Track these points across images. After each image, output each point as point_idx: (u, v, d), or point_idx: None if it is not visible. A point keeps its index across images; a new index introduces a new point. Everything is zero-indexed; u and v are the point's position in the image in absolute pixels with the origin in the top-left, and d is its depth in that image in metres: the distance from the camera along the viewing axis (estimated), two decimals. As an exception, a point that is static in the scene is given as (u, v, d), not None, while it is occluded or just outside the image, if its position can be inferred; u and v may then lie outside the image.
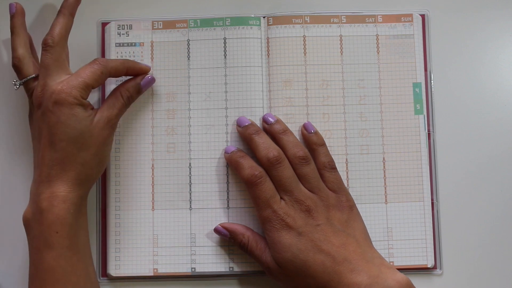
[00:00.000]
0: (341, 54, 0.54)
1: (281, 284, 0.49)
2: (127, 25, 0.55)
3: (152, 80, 0.52)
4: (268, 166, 0.49)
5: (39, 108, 0.46)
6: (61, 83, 0.46)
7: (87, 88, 0.47)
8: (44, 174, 0.46)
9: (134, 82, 0.51)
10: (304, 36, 0.54)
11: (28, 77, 0.49)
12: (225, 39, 0.54)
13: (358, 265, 0.46)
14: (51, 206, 0.44)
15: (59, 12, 0.49)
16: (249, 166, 0.49)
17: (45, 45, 0.48)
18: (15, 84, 0.50)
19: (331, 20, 0.55)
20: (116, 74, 0.49)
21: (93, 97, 0.54)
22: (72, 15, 0.50)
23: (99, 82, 0.48)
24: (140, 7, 0.56)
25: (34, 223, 0.45)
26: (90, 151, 0.46)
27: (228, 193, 0.53)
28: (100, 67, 0.47)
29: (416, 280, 0.48)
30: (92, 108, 0.48)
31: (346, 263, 0.46)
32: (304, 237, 0.47)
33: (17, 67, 0.50)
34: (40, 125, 0.46)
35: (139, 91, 0.51)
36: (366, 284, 0.44)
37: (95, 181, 0.49)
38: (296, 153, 0.49)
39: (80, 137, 0.46)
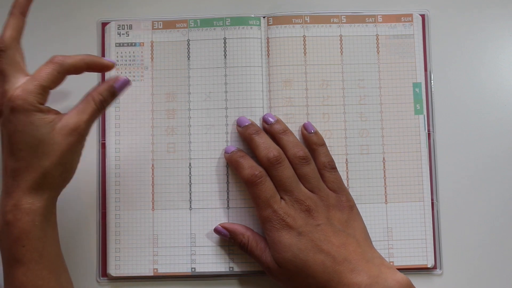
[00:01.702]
0: (341, 54, 0.54)
1: (281, 284, 0.49)
2: (127, 25, 0.55)
3: (127, 81, 0.47)
4: (268, 166, 0.49)
5: (0, 116, 0.44)
6: (18, 88, 0.43)
7: (44, 91, 0.43)
8: (7, 184, 0.43)
9: (108, 85, 0.46)
10: (304, 36, 0.54)
11: None
12: (225, 39, 0.54)
13: (358, 265, 0.46)
14: (15, 219, 0.42)
15: (10, 12, 0.46)
16: (249, 166, 0.49)
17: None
18: None
19: (331, 20, 0.55)
20: (75, 72, 0.45)
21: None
22: (23, 14, 0.46)
23: (56, 83, 0.44)
24: (140, 7, 0.56)
25: (3, 236, 0.43)
26: (52, 160, 0.43)
27: (228, 193, 0.53)
28: (56, 66, 0.44)
29: (416, 280, 0.48)
30: (57, 113, 0.44)
31: (346, 263, 0.46)
32: (304, 237, 0.47)
33: None
34: (1, 133, 0.44)
35: (113, 94, 0.46)
36: (366, 284, 0.44)
37: (61, 189, 0.46)
38: (296, 153, 0.49)
39: (40, 145, 0.43)
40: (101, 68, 0.47)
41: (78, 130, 0.44)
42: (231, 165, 0.51)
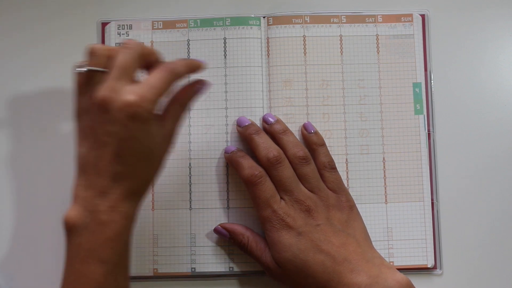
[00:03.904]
0: (341, 54, 0.54)
1: (281, 284, 0.49)
2: (127, 25, 0.55)
3: (209, 85, 0.48)
4: (268, 166, 0.49)
5: (104, 113, 0.41)
6: (134, 93, 0.40)
7: (159, 99, 0.42)
8: (102, 184, 0.41)
9: (194, 89, 0.46)
10: (304, 36, 0.54)
11: (99, 69, 0.43)
12: (225, 39, 0.54)
13: (358, 265, 0.46)
14: (111, 221, 0.41)
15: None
16: (249, 166, 0.49)
17: (127, 44, 0.43)
18: (80, 67, 0.43)
19: (331, 20, 0.55)
20: (181, 78, 0.45)
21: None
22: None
23: (168, 91, 0.43)
24: (140, 7, 0.56)
25: (86, 232, 0.41)
26: (155, 167, 0.44)
27: (228, 193, 0.53)
28: (171, 74, 0.43)
29: (416, 280, 0.48)
30: (159, 121, 0.44)
31: (346, 263, 0.46)
32: (304, 237, 0.47)
33: (93, 51, 0.43)
34: (102, 131, 0.41)
35: (195, 97, 0.47)
36: (366, 284, 0.44)
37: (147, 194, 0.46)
38: (296, 153, 0.49)
39: (150, 154, 0.42)
40: (198, 69, 0.46)
41: (173, 136, 0.45)
42: (231, 165, 0.51)
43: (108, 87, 0.41)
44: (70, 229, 0.42)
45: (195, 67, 0.46)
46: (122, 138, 0.41)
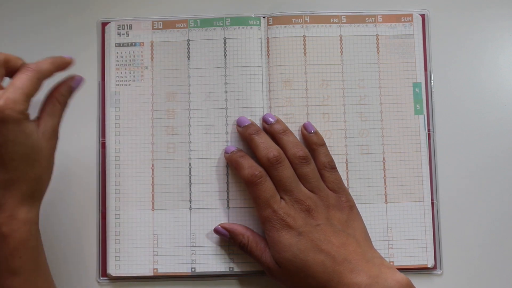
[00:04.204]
0: (341, 54, 0.54)
1: (281, 284, 0.49)
2: (127, 25, 0.55)
3: (81, 79, 0.48)
4: (268, 166, 0.49)
5: None
6: (0, 98, 0.41)
7: (29, 99, 0.42)
8: None
9: (66, 85, 0.46)
10: (304, 36, 0.54)
11: None
12: (225, 39, 0.54)
13: (358, 265, 0.46)
14: (11, 230, 0.41)
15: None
16: (249, 166, 0.49)
17: None
18: None
19: (331, 20, 0.55)
20: (49, 75, 0.45)
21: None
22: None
23: (37, 90, 0.43)
24: (140, 7, 0.56)
25: None
26: (42, 165, 0.43)
27: (228, 193, 0.53)
28: (35, 73, 0.43)
29: (416, 280, 0.48)
30: (34, 120, 0.44)
31: (346, 263, 0.46)
32: (304, 237, 0.47)
33: None
34: None
35: (71, 92, 0.47)
36: (366, 284, 0.44)
37: (44, 194, 0.45)
38: (296, 153, 0.49)
39: (32, 153, 0.42)
40: (65, 66, 0.47)
41: (55, 132, 0.45)
42: (231, 165, 0.51)
43: None
44: None
45: (62, 64, 0.46)
46: None
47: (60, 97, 0.46)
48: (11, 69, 0.44)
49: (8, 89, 0.42)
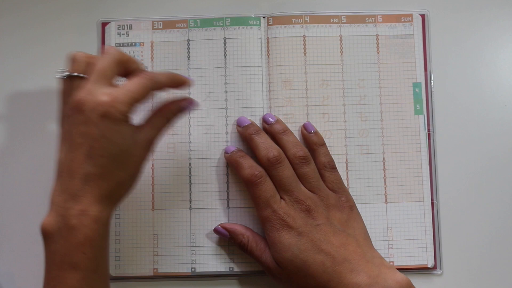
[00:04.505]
0: (341, 54, 0.54)
1: (281, 284, 0.49)
2: (127, 25, 0.55)
3: (195, 104, 0.49)
4: (268, 166, 0.49)
5: (79, 114, 0.42)
6: (108, 94, 0.41)
7: (135, 103, 0.43)
8: (74, 187, 0.41)
9: (179, 105, 0.47)
10: (304, 36, 0.54)
11: (78, 74, 0.44)
12: (225, 39, 0.54)
13: (358, 265, 0.46)
14: (81, 225, 0.41)
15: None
16: (249, 166, 0.49)
17: (107, 50, 0.44)
18: (61, 72, 0.45)
19: (331, 20, 0.55)
20: (161, 89, 0.46)
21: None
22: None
23: (146, 98, 0.44)
24: (140, 7, 0.56)
25: (59, 238, 0.41)
26: (129, 171, 0.43)
27: (228, 193, 0.53)
28: (149, 82, 0.43)
29: (416, 280, 0.48)
30: (134, 125, 0.44)
31: (346, 263, 0.46)
32: (304, 237, 0.47)
33: (74, 58, 0.45)
34: (76, 133, 0.42)
35: (180, 113, 0.48)
36: (366, 284, 0.44)
37: (123, 200, 0.45)
38: (296, 153, 0.49)
39: (122, 155, 0.42)
40: (182, 84, 0.47)
41: (152, 144, 0.45)
42: (231, 165, 0.51)
43: (84, 90, 0.42)
44: (46, 236, 0.42)
45: (178, 81, 0.47)
46: (93, 138, 0.41)
47: (169, 113, 0.46)
48: (126, 70, 0.45)
49: (119, 89, 0.42)
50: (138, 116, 0.47)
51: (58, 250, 0.41)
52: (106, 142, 0.41)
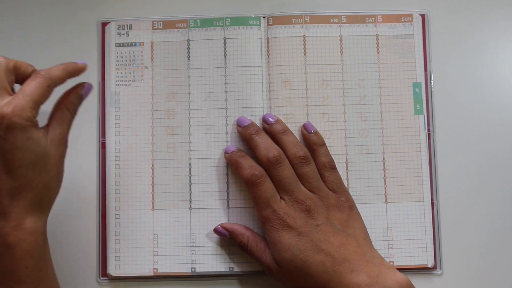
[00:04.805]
0: (341, 54, 0.54)
1: (281, 284, 0.49)
2: (127, 25, 0.55)
3: (91, 87, 0.47)
4: (268, 166, 0.49)
5: None
6: (8, 105, 0.41)
7: (37, 106, 0.42)
8: (2, 205, 0.41)
9: (76, 93, 0.46)
10: (304, 36, 0.54)
11: None
12: (225, 39, 0.54)
13: (358, 265, 0.46)
14: (18, 240, 0.41)
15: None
16: (249, 166, 0.49)
17: None
18: None
19: (331, 20, 0.55)
20: (61, 82, 0.45)
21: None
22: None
23: (47, 97, 0.43)
24: (140, 7, 0.56)
25: (2, 259, 0.41)
26: (51, 173, 0.43)
27: (228, 193, 0.53)
28: (45, 80, 0.43)
29: (416, 280, 0.48)
30: (43, 128, 0.44)
31: (346, 263, 0.46)
32: (304, 237, 0.47)
33: None
34: None
35: (81, 100, 0.47)
36: (366, 284, 0.44)
37: (53, 203, 0.45)
38: (296, 153, 0.49)
39: (40, 160, 0.42)
40: (78, 72, 0.46)
41: (64, 139, 0.45)
42: (231, 165, 0.51)
43: None
44: None
45: (74, 70, 0.46)
46: (5, 151, 0.41)
47: (70, 104, 0.46)
48: (21, 76, 0.44)
49: (17, 96, 0.42)
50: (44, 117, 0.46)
51: (1, 269, 0.41)
52: (20, 152, 0.41)
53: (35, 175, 0.42)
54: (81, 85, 0.47)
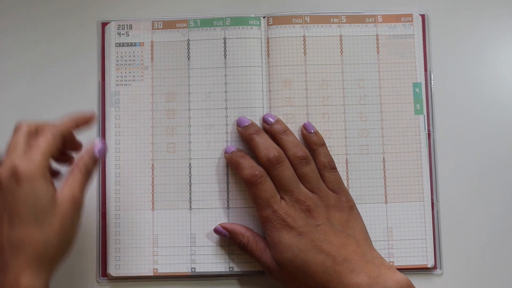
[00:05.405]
0: (341, 54, 0.54)
1: (281, 284, 0.49)
2: (127, 25, 0.55)
3: (105, 147, 0.49)
4: (269, 166, 0.49)
5: None
6: (20, 159, 0.42)
7: (47, 160, 0.43)
8: (2, 258, 0.41)
9: (89, 156, 0.46)
10: (304, 36, 0.54)
11: None
12: (225, 39, 0.54)
13: (358, 265, 0.46)
14: None
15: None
16: (249, 166, 0.49)
17: (19, 125, 0.45)
18: None
19: (331, 20, 0.55)
20: (70, 132, 0.46)
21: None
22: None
23: (57, 150, 0.44)
24: (140, 7, 0.56)
25: None
26: (53, 229, 0.42)
27: (228, 193, 0.53)
28: (53, 134, 0.44)
29: (416, 280, 0.48)
30: (53, 184, 0.44)
31: (346, 263, 0.46)
32: (304, 237, 0.47)
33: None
34: None
35: (95, 161, 0.47)
36: (366, 284, 0.44)
37: (60, 263, 0.44)
38: (296, 153, 0.49)
39: (41, 215, 0.42)
40: (87, 119, 0.47)
41: (75, 200, 0.44)
42: (231, 165, 0.51)
43: (5, 164, 0.42)
44: None
45: (83, 120, 0.47)
46: (10, 203, 0.41)
47: (83, 167, 0.45)
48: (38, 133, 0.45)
49: (30, 152, 0.43)
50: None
51: None
52: (24, 205, 0.41)
53: (35, 229, 0.42)
54: (96, 146, 0.47)
